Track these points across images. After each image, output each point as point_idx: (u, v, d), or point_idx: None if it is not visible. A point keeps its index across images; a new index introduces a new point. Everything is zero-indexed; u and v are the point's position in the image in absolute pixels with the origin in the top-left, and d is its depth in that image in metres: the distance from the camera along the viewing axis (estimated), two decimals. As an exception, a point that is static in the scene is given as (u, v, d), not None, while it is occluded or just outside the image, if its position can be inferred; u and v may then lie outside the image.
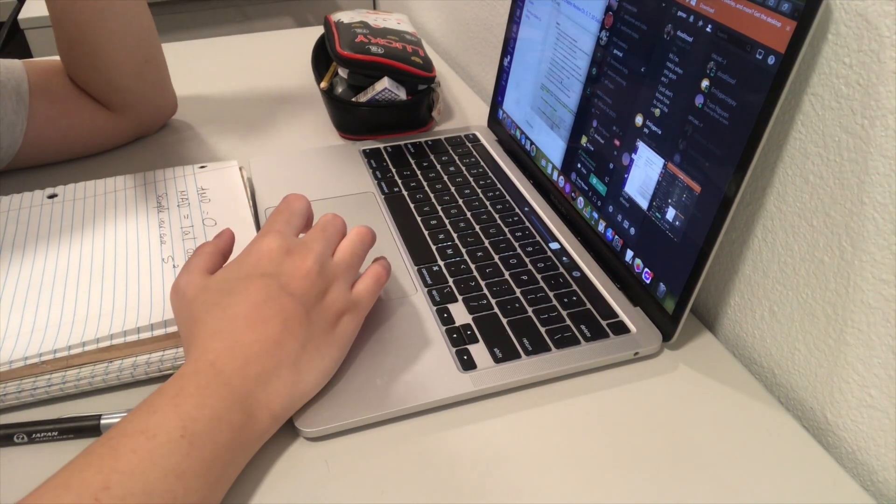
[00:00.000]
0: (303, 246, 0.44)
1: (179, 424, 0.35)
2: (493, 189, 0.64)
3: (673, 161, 0.47)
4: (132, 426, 0.35)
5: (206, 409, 0.36)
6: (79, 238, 0.55)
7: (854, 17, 0.38)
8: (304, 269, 0.42)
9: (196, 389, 0.37)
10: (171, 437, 0.35)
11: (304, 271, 0.42)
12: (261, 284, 0.41)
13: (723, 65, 0.42)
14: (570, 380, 0.46)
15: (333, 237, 0.46)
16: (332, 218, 0.47)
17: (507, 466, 0.41)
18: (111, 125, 0.70)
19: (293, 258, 0.43)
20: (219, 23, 1.38)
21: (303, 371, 0.41)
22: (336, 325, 0.43)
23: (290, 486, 0.39)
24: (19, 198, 0.60)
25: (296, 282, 0.42)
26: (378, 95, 0.70)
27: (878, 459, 0.41)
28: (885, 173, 0.38)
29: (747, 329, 0.50)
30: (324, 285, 0.43)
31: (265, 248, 0.43)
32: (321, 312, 0.42)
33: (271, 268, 0.42)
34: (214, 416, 0.36)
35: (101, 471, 0.33)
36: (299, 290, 0.42)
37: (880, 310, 0.39)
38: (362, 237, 0.47)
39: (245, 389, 0.38)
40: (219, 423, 0.37)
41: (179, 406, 0.36)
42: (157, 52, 0.69)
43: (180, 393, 0.37)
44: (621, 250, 0.52)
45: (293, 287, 0.42)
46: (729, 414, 0.44)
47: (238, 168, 0.65)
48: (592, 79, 0.56)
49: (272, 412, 0.39)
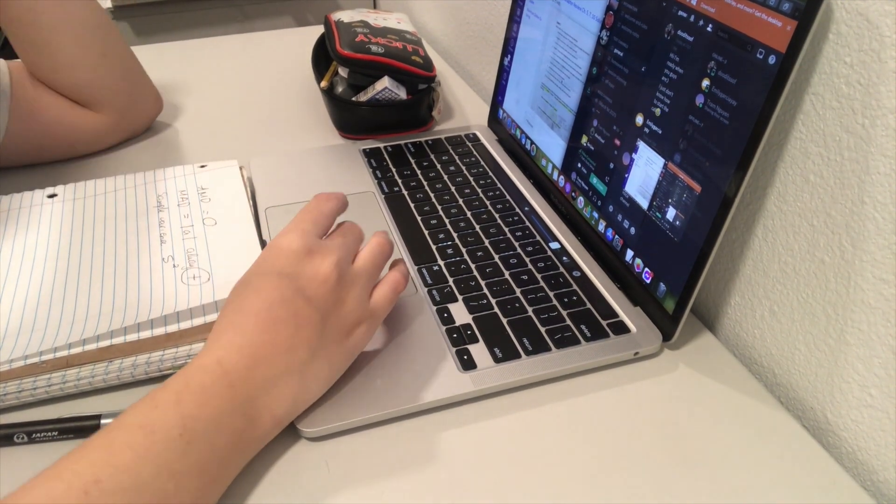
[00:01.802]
0: (325, 249, 0.43)
1: (179, 423, 0.35)
2: (493, 189, 0.64)
3: (673, 161, 0.47)
4: (132, 419, 0.35)
5: (207, 408, 0.36)
6: (79, 237, 0.55)
7: (855, 17, 0.38)
8: (323, 274, 0.41)
9: (200, 388, 0.37)
10: (170, 435, 0.34)
11: (324, 276, 0.41)
12: (277, 283, 0.40)
13: (723, 64, 0.42)
14: (570, 380, 0.46)
15: (354, 244, 0.45)
16: (352, 225, 0.47)
17: (507, 466, 0.41)
18: (93, 123, 0.69)
19: (313, 261, 0.42)
20: (219, 23, 1.38)
21: (309, 379, 0.40)
22: (350, 335, 0.42)
23: (290, 486, 0.39)
24: (19, 197, 0.60)
25: (314, 286, 0.41)
26: (378, 95, 0.70)
27: (878, 459, 0.41)
28: (885, 173, 0.38)
29: (747, 329, 0.50)
30: (342, 293, 0.42)
31: (286, 247, 0.42)
32: (337, 322, 0.42)
33: (290, 268, 0.41)
34: (215, 418, 0.36)
35: (95, 464, 0.33)
36: (316, 296, 0.41)
37: (880, 309, 0.39)
38: (382, 247, 0.46)
39: (249, 393, 0.38)
40: (219, 424, 0.36)
41: (181, 403, 0.36)
42: (115, 47, 0.69)
43: (184, 389, 0.36)
44: (621, 250, 0.52)
45: (310, 291, 0.41)
46: (729, 414, 0.44)
47: (238, 167, 0.65)
48: (593, 78, 0.56)
49: (274, 417, 0.39)
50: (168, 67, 0.92)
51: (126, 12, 1.30)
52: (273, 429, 0.40)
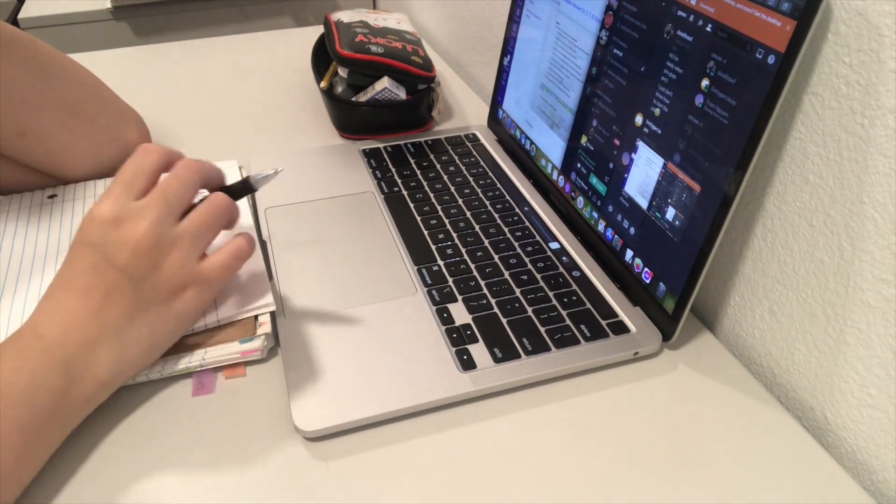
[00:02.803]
0: (136, 213, 0.41)
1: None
2: (493, 189, 0.64)
3: (673, 161, 0.47)
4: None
5: (24, 371, 0.38)
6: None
7: (854, 17, 0.38)
8: (133, 242, 0.40)
9: (16, 353, 0.38)
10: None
11: (134, 243, 0.40)
12: (85, 253, 0.41)
13: (723, 64, 0.42)
14: (569, 380, 0.46)
15: (181, 194, 0.42)
16: (184, 168, 0.43)
17: (506, 466, 0.41)
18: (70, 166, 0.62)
19: (122, 228, 0.40)
20: (219, 23, 1.38)
21: (129, 343, 0.41)
22: (175, 299, 0.42)
23: (290, 486, 0.39)
24: (19, 198, 0.60)
25: (122, 254, 0.40)
26: (378, 95, 0.70)
27: (878, 459, 0.41)
28: (884, 173, 0.38)
29: (747, 329, 0.50)
30: (158, 257, 0.41)
31: (97, 216, 0.41)
32: (154, 286, 0.41)
33: (98, 237, 0.41)
34: (32, 379, 0.37)
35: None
36: (124, 263, 0.40)
37: (880, 309, 0.39)
38: (218, 206, 0.43)
39: (66, 354, 0.39)
40: (36, 385, 0.37)
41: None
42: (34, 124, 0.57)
43: (1, 356, 0.38)
44: (621, 250, 0.52)
45: (118, 259, 0.40)
46: (729, 414, 0.44)
47: (238, 167, 0.65)
48: (592, 78, 0.56)
49: (98, 379, 0.40)
50: (168, 67, 0.92)
51: (126, 12, 1.30)
52: (100, 390, 0.41)
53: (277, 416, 0.43)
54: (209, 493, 0.39)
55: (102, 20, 1.28)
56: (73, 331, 0.39)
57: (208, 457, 0.41)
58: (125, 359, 0.41)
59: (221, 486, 0.39)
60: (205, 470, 0.40)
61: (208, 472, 0.40)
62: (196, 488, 0.39)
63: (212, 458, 0.41)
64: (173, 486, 0.39)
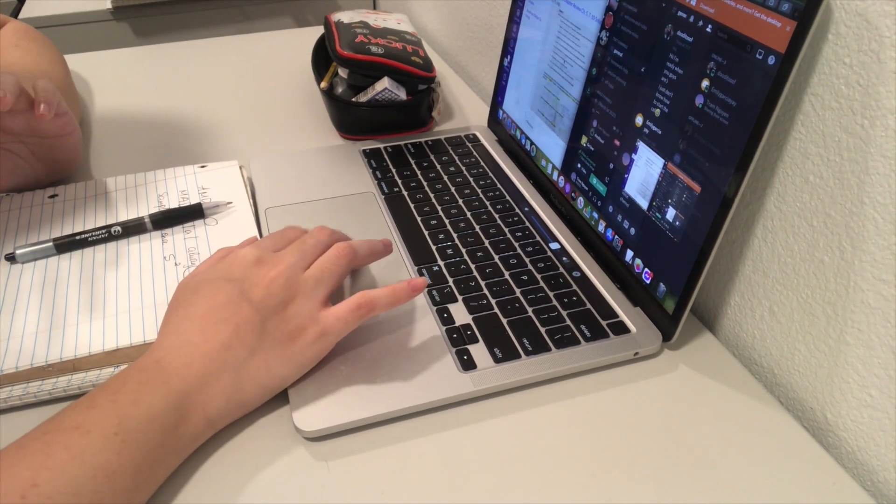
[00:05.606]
0: (275, 258, 0.44)
1: (115, 422, 0.35)
2: (493, 189, 0.64)
3: (673, 161, 0.47)
4: (69, 421, 0.35)
5: (142, 406, 0.37)
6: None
7: (854, 17, 0.38)
8: (267, 278, 0.43)
9: (136, 385, 0.37)
10: (105, 434, 0.35)
11: (268, 280, 0.43)
12: (223, 288, 0.42)
13: (723, 65, 0.42)
14: (570, 380, 0.46)
15: (313, 250, 0.46)
16: (319, 231, 0.48)
17: (506, 466, 0.41)
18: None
19: (261, 268, 0.43)
20: (219, 23, 1.38)
21: (245, 379, 0.41)
22: (294, 341, 0.42)
23: (290, 486, 0.39)
24: (20, 197, 0.60)
25: (257, 289, 0.42)
26: (378, 95, 0.70)
27: (878, 459, 0.41)
28: (885, 173, 0.38)
29: (747, 329, 0.50)
30: (286, 296, 0.42)
31: (239, 257, 0.44)
32: (278, 324, 0.42)
33: (237, 274, 0.43)
34: (150, 415, 0.37)
35: (32, 467, 0.33)
36: (257, 297, 0.42)
37: (880, 310, 0.39)
38: (339, 253, 0.46)
39: (183, 388, 0.38)
40: (153, 421, 0.37)
41: (117, 402, 0.36)
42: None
43: (121, 389, 0.37)
44: (621, 250, 0.52)
45: (253, 294, 0.42)
46: (729, 414, 0.44)
47: (238, 167, 0.65)
48: (592, 79, 0.56)
49: (207, 416, 0.39)
50: (168, 67, 0.92)
51: (126, 13, 1.30)
52: (206, 428, 0.40)
53: (277, 416, 0.43)
54: (209, 492, 0.39)
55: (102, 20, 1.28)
56: (195, 363, 0.39)
57: (208, 457, 0.41)
58: (236, 397, 0.40)
59: (221, 486, 0.39)
60: (205, 470, 0.40)
61: (208, 472, 0.40)
62: (196, 488, 0.39)
63: (212, 458, 0.41)
64: (173, 486, 0.39)
